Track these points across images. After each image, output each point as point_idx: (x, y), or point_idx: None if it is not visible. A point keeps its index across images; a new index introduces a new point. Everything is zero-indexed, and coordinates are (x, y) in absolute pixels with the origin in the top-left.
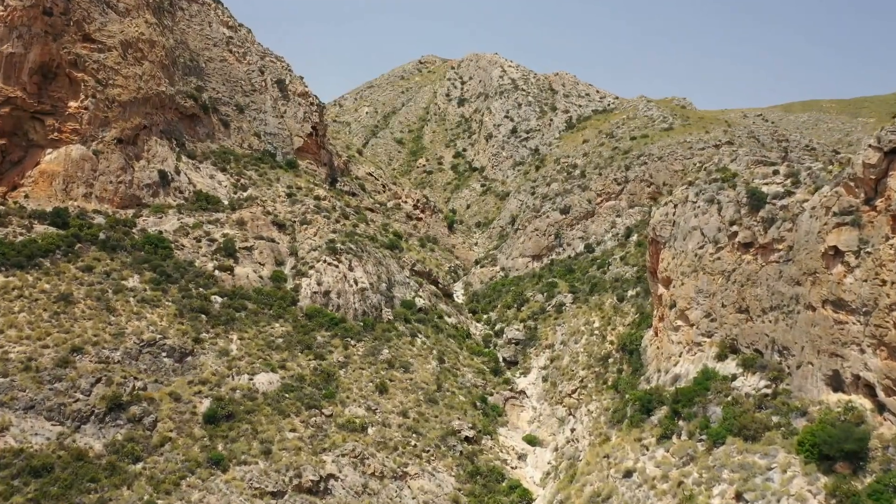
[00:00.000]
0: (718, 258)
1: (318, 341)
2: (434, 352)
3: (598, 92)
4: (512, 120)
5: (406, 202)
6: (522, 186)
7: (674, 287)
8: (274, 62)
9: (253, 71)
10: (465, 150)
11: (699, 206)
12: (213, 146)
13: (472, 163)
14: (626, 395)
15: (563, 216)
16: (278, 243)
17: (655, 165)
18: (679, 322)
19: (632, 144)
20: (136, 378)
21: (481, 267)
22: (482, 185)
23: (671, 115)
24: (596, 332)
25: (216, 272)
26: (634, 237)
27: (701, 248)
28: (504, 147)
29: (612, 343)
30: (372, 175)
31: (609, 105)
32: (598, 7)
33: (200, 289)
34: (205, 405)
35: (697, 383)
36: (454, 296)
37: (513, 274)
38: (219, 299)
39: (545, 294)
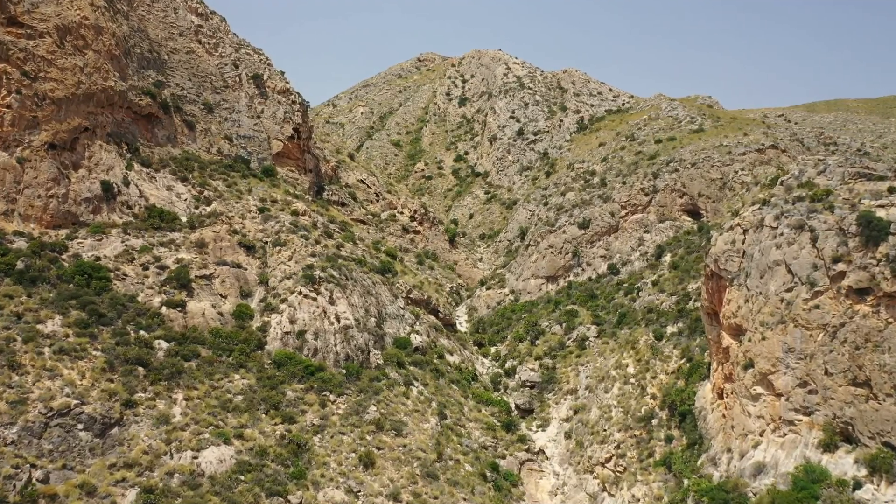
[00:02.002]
0: (816, 306)
1: (289, 397)
2: (433, 405)
3: (611, 90)
4: (518, 121)
5: (402, 213)
6: (532, 194)
7: (749, 340)
8: (251, 55)
9: (225, 64)
10: (467, 153)
11: (783, 234)
12: (175, 151)
13: (474, 167)
14: (686, 483)
15: (582, 231)
16: (245, 269)
17: (689, 173)
18: (759, 389)
19: (658, 148)
20: (33, 465)
21: (487, 289)
22: (486, 192)
23: (699, 116)
24: (632, 380)
25: (163, 309)
26: (668, 257)
27: (789, 290)
28: (510, 150)
29: (653, 398)
30: (364, 182)
31: (624, 104)
32: (591, 2)
33: (142, 332)
34: (128, 499)
35: (799, 487)
36: (457, 324)
37: (524, 298)
38: (164, 345)
39: (564, 325)
